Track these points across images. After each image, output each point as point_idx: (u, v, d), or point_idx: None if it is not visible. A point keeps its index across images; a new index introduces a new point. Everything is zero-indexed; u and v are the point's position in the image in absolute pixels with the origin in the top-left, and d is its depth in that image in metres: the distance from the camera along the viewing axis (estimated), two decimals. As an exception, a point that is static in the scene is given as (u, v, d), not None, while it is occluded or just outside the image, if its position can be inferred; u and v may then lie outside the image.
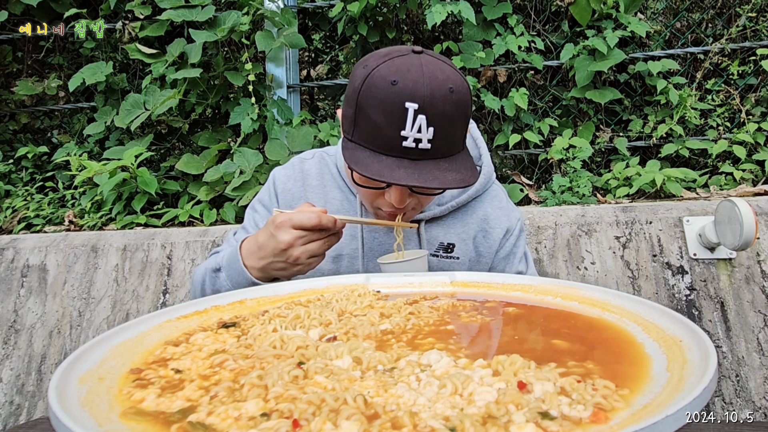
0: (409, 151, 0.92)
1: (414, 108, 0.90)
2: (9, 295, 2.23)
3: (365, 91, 0.93)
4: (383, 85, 0.91)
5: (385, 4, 2.62)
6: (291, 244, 0.96)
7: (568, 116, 2.70)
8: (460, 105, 0.94)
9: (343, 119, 1.03)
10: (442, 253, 1.23)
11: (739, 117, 2.52)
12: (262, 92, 2.69)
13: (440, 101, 0.91)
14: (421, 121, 0.90)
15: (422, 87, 0.90)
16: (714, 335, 1.77)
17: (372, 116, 0.92)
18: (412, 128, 0.91)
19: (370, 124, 0.93)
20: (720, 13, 2.74)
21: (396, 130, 0.91)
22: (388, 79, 0.91)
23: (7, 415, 2.08)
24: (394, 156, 0.93)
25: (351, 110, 0.96)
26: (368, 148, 0.95)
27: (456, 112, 0.94)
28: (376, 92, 0.92)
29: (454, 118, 0.94)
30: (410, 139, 0.91)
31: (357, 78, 0.96)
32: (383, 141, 0.93)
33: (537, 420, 0.44)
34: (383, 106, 0.91)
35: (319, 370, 0.56)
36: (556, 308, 0.80)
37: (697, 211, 1.93)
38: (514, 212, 1.31)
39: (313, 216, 0.96)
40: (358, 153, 0.95)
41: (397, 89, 0.90)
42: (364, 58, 1.00)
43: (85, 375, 0.57)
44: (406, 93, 0.90)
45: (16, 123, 3.22)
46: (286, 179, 1.28)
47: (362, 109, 0.93)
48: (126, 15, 2.97)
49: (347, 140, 1.00)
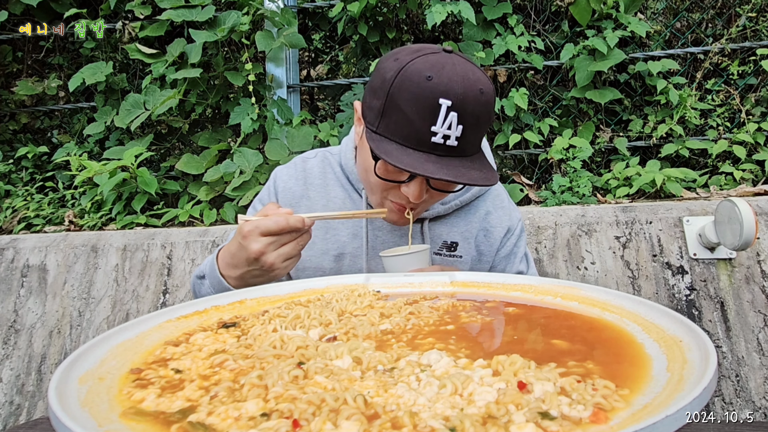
0: (437, 147, 0.94)
1: (447, 105, 0.91)
2: (9, 295, 2.23)
3: (399, 83, 0.93)
4: (418, 80, 0.92)
5: (385, 4, 2.62)
6: (262, 251, 0.95)
7: (568, 116, 2.70)
8: (487, 107, 0.96)
9: (366, 110, 1.02)
10: (445, 251, 1.23)
11: (739, 117, 2.52)
12: (262, 92, 2.69)
13: (471, 101, 0.93)
14: (452, 119, 0.92)
15: (456, 85, 0.91)
16: (714, 335, 1.77)
17: (404, 109, 0.93)
18: (443, 125, 0.92)
19: (401, 116, 0.93)
20: (720, 13, 2.74)
21: (427, 124, 0.92)
22: (423, 74, 0.92)
23: (7, 415, 2.08)
24: (422, 151, 0.94)
25: (379, 102, 0.97)
26: (396, 141, 0.95)
27: (483, 112, 0.95)
28: (410, 86, 0.92)
29: (481, 119, 0.96)
30: (440, 135, 0.93)
31: (388, 70, 0.96)
32: (413, 135, 0.93)
33: (537, 420, 0.44)
34: (417, 100, 0.92)
35: (319, 370, 0.56)
36: (556, 308, 0.80)
37: (697, 211, 1.93)
38: (515, 212, 1.31)
39: (280, 220, 0.94)
40: (386, 145, 0.96)
41: (432, 84, 0.91)
42: (394, 51, 1.00)
43: (85, 375, 0.57)
44: (440, 89, 0.91)
45: (16, 123, 3.22)
46: (287, 178, 1.28)
47: (394, 101, 0.94)
48: (126, 15, 2.97)
49: (371, 132, 0.99)
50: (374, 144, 0.97)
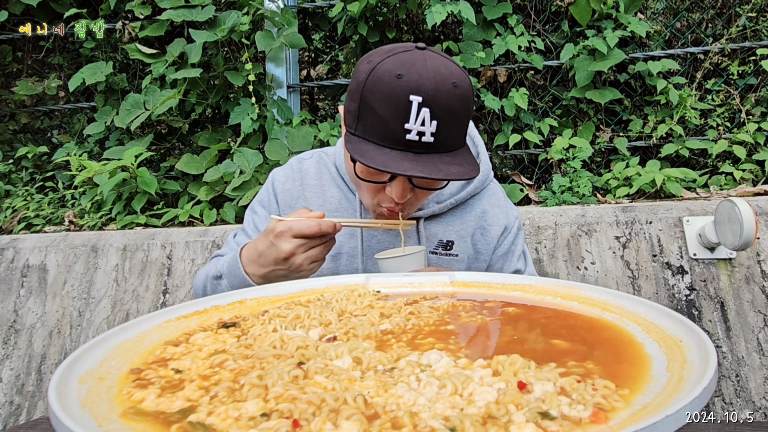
0: (413, 144, 0.93)
1: (418, 101, 0.91)
2: (9, 295, 2.23)
3: (370, 84, 0.94)
4: (388, 79, 0.92)
5: (385, 4, 2.62)
6: (293, 252, 0.98)
7: (568, 116, 2.70)
8: (463, 100, 0.95)
9: (345, 114, 1.03)
10: (441, 250, 1.24)
11: (739, 117, 2.52)
12: (262, 92, 2.69)
13: (444, 95, 0.92)
14: (424, 114, 0.91)
15: (426, 81, 0.91)
16: (714, 335, 1.77)
17: (377, 109, 0.93)
18: (416, 121, 0.92)
19: (375, 117, 0.94)
20: (720, 13, 2.74)
21: (400, 122, 0.92)
22: (393, 73, 0.92)
23: (7, 415, 2.08)
24: (398, 149, 0.94)
25: (355, 104, 0.97)
26: (372, 142, 0.96)
27: (459, 106, 0.95)
28: (381, 85, 0.93)
29: (457, 113, 0.95)
30: (414, 132, 0.92)
31: (361, 72, 0.97)
32: (387, 134, 0.94)
33: (537, 420, 0.44)
34: (388, 99, 0.92)
35: (319, 370, 0.56)
36: (556, 308, 0.80)
37: (697, 211, 1.93)
38: (512, 210, 1.32)
39: (313, 225, 0.98)
40: (362, 146, 0.96)
41: (401, 82, 0.91)
42: (368, 54, 1.01)
43: (85, 375, 0.57)
44: (410, 86, 0.91)
45: (16, 123, 3.22)
46: (284, 179, 1.29)
47: (367, 102, 0.94)
48: (126, 15, 2.97)
49: (350, 134, 1.00)
50: (351, 146, 0.97)
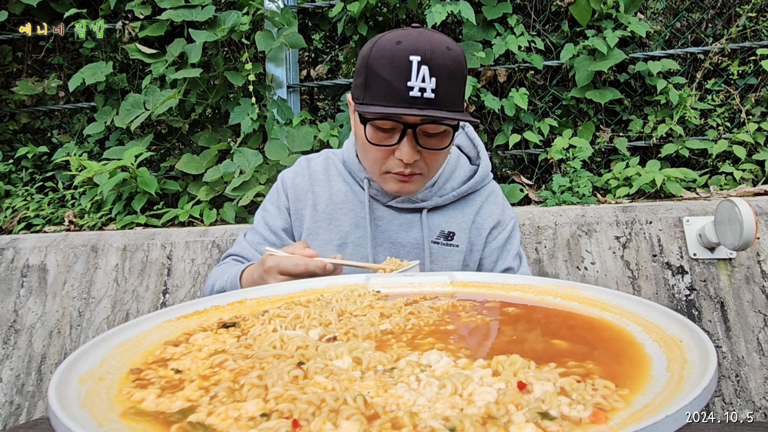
0: (416, 100, 1.04)
1: (417, 60, 1.02)
2: (9, 295, 2.23)
3: (374, 54, 1.06)
4: (389, 46, 1.05)
5: (385, 4, 2.62)
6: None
7: (568, 116, 2.70)
8: (456, 61, 1.07)
9: (354, 91, 1.15)
10: (442, 240, 1.29)
11: (739, 117, 2.52)
12: (262, 92, 2.69)
13: (440, 55, 1.04)
14: (424, 72, 1.03)
15: (423, 44, 1.04)
16: (714, 335, 1.77)
17: (381, 73, 1.05)
18: (416, 78, 1.03)
19: (380, 81, 1.05)
20: (720, 13, 2.74)
21: (403, 81, 1.03)
22: (393, 41, 1.06)
23: (7, 415, 2.08)
24: (403, 106, 1.05)
25: (361, 78, 1.09)
26: (380, 104, 1.06)
27: (454, 66, 1.06)
28: (383, 52, 1.05)
29: (453, 72, 1.06)
30: (416, 88, 1.03)
31: (365, 50, 1.10)
32: (393, 94, 1.04)
33: (537, 420, 0.44)
34: (390, 63, 1.04)
35: (319, 370, 0.56)
36: (556, 308, 0.80)
37: (697, 211, 1.93)
38: (509, 210, 1.37)
39: (300, 263, 1.02)
40: (371, 108, 1.06)
41: (401, 47, 1.04)
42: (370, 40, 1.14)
43: (85, 375, 0.57)
44: (409, 48, 1.03)
45: (16, 123, 3.22)
46: (294, 176, 1.36)
47: (372, 69, 1.06)
48: (126, 15, 2.97)
49: (359, 104, 1.09)
50: (361, 110, 1.08)
